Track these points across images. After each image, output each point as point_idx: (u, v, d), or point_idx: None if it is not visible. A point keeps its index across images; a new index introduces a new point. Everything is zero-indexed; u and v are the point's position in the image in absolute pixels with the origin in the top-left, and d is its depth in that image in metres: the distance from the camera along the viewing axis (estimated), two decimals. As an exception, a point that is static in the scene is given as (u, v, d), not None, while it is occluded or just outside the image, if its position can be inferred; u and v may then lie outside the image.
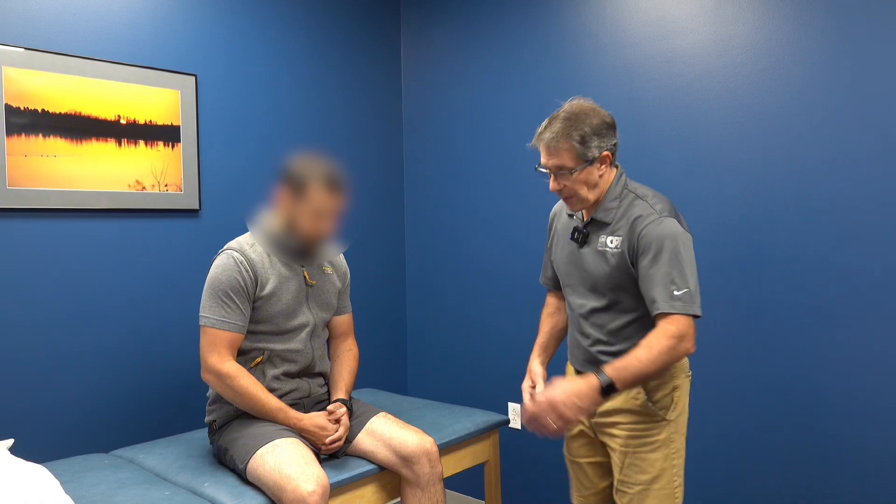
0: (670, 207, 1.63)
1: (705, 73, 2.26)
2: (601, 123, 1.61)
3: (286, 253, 1.97)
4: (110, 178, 2.24)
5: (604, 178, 1.65)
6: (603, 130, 1.61)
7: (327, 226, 1.94)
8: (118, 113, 2.25)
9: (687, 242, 1.58)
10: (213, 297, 1.88)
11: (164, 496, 1.66)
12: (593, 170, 1.62)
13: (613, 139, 1.64)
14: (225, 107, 2.54)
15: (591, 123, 1.60)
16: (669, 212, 1.61)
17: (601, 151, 1.61)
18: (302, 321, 1.98)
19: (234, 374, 1.87)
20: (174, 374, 2.39)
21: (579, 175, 1.62)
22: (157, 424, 2.33)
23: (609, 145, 1.62)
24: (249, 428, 1.86)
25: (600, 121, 1.61)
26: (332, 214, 1.93)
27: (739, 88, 2.20)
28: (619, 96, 2.46)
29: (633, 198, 1.65)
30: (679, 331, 1.51)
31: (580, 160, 1.60)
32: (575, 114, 1.61)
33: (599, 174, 1.63)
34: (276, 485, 1.67)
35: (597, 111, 1.62)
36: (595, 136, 1.60)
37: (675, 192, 2.34)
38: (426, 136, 3.12)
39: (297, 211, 1.92)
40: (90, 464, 1.91)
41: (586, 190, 1.64)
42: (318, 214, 1.91)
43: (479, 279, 2.95)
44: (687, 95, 2.31)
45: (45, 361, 2.11)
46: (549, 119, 1.65)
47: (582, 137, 1.59)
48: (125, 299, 2.28)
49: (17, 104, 2.04)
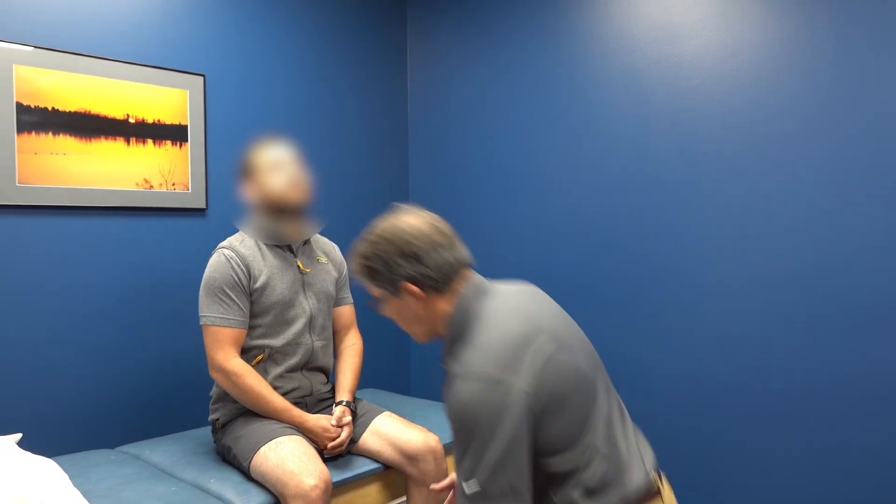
0: (478, 362, 1.18)
1: (711, 77, 2.28)
2: (396, 252, 1.31)
3: (273, 236, 2.00)
4: (119, 177, 2.26)
5: (431, 310, 1.33)
6: (397, 261, 1.31)
7: (292, 173, 1.98)
8: (127, 112, 2.27)
9: (480, 410, 1.13)
10: (210, 295, 1.90)
11: (171, 491, 1.67)
12: (403, 301, 1.34)
13: (419, 269, 1.30)
14: (232, 107, 2.55)
15: (382, 252, 1.31)
16: (471, 374, 1.16)
17: (398, 285, 1.31)
18: (299, 310, 2.00)
19: (241, 371, 1.88)
20: (179, 372, 2.40)
21: (386, 307, 1.38)
22: (162, 422, 2.35)
23: (408, 276, 1.30)
24: (252, 426, 1.88)
25: (394, 250, 1.31)
26: (287, 162, 1.99)
27: (745, 93, 2.21)
28: (625, 100, 2.48)
29: (462, 344, 1.27)
30: None
31: (378, 291, 1.35)
32: (367, 240, 1.36)
33: (418, 306, 1.33)
34: (279, 480, 1.69)
35: (396, 236, 1.32)
36: (385, 268, 1.31)
37: (679, 198, 2.36)
38: (431, 139, 3.13)
39: (259, 185, 1.98)
40: (97, 459, 1.92)
41: (408, 324, 1.37)
42: (275, 167, 1.97)
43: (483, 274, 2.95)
44: (692, 100, 2.32)
45: (52, 358, 2.12)
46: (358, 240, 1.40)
47: (369, 269, 1.34)
48: (132, 297, 2.30)
49: (27, 102, 2.06)
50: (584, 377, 1.24)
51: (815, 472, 2.13)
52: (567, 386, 1.20)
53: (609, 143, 2.53)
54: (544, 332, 1.23)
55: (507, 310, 1.27)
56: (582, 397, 1.23)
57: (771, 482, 2.22)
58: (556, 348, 1.22)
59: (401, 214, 1.36)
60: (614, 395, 1.34)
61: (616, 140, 2.51)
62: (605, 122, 2.54)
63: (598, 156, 2.57)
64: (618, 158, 2.51)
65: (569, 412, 1.20)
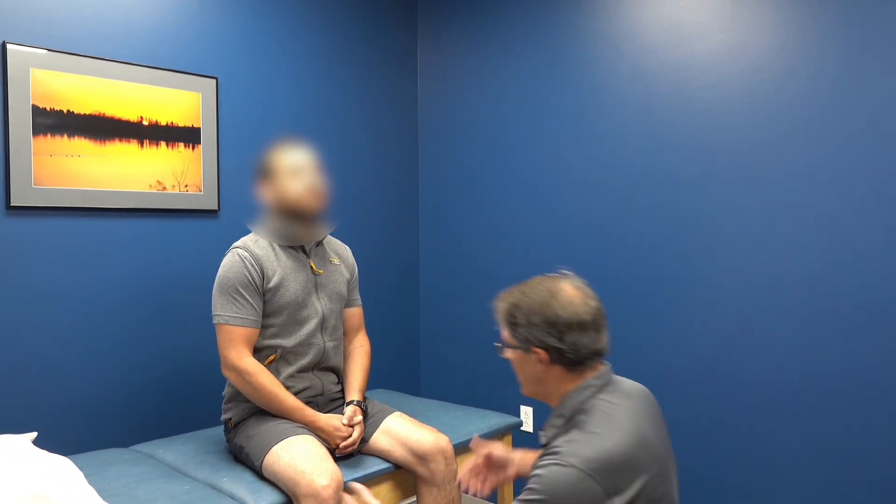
0: (587, 457, 1.21)
1: (721, 79, 2.28)
2: (540, 316, 1.33)
3: (288, 234, 2.01)
4: (132, 179, 2.28)
5: (550, 379, 1.36)
6: (538, 323, 1.33)
7: (310, 179, 1.99)
8: (141, 114, 2.30)
9: (563, 500, 1.19)
10: (223, 294, 1.92)
11: (184, 490, 1.69)
12: (528, 359, 1.37)
13: (553, 340, 1.32)
14: (244, 109, 2.58)
15: (529, 309, 1.35)
16: (577, 464, 1.21)
17: (529, 345, 1.35)
18: (311, 311, 2.01)
19: (253, 370, 1.90)
20: (192, 372, 2.42)
21: (509, 353, 1.41)
22: (175, 421, 2.37)
23: (542, 343, 1.33)
24: (265, 426, 1.89)
25: (541, 313, 1.33)
26: (306, 168, 2.00)
27: (755, 95, 2.21)
28: (635, 102, 2.48)
29: (573, 428, 1.29)
30: None
31: (511, 340, 1.39)
32: (529, 288, 1.39)
33: (539, 370, 1.36)
34: (291, 479, 1.70)
35: (550, 302, 1.34)
36: (526, 324, 1.34)
37: (691, 198, 2.36)
38: (441, 140, 3.14)
39: (277, 188, 1.99)
40: (111, 458, 1.94)
41: (524, 377, 1.41)
42: (294, 173, 1.98)
43: (491, 281, 2.96)
44: (702, 102, 2.32)
45: (67, 357, 2.15)
46: (517, 285, 1.44)
47: (512, 316, 1.37)
48: (145, 297, 2.32)
49: (43, 105, 2.09)
50: (672, 501, 1.29)
51: (829, 468, 2.12)
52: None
53: (620, 144, 2.54)
54: (650, 453, 1.26)
55: (624, 414, 1.29)
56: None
57: (785, 478, 2.21)
58: (657, 476, 1.25)
59: (565, 283, 1.37)
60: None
61: (627, 140, 2.52)
62: (615, 123, 2.54)
63: (609, 156, 2.57)
64: (629, 158, 2.51)
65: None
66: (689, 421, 2.39)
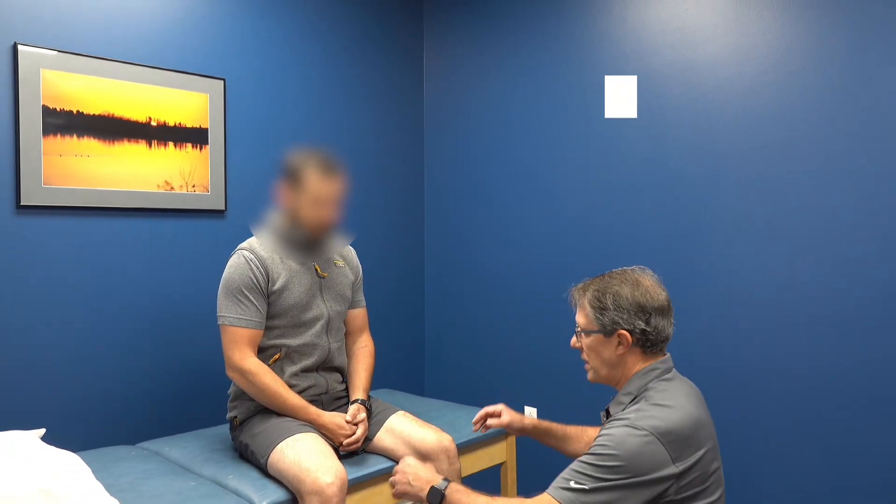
0: (656, 424, 1.33)
1: (726, 82, 2.29)
2: (630, 300, 1.46)
3: (294, 248, 2.01)
4: (140, 179, 2.31)
5: (625, 361, 1.48)
6: (627, 307, 1.45)
7: (328, 213, 1.99)
8: (149, 115, 2.32)
9: (633, 458, 1.30)
10: (228, 296, 1.94)
11: (190, 486, 1.71)
12: (608, 343, 1.48)
13: (640, 323, 1.45)
14: (252, 110, 2.60)
15: (618, 294, 1.47)
16: (648, 428, 1.33)
17: (617, 327, 1.46)
18: (316, 313, 2.03)
19: (257, 370, 1.91)
20: (198, 370, 2.45)
21: (588, 339, 1.51)
22: (181, 419, 2.39)
23: (630, 325, 1.45)
24: (269, 423, 1.91)
25: (631, 298, 1.46)
26: (331, 201, 1.98)
27: (760, 98, 2.22)
28: (640, 105, 2.49)
29: (641, 401, 1.42)
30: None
31: (593, 324, 1.49)
32: (611, 277, 1.52)
33: (618, 353, 1.48)
34: (296, 477, 1.71)
35: (637, 288, 1.47)
36: (615, 308, 1.46)
37: (695, 202, 2.37)
38: (447, 140, 3.16)
39: (297, 203, 1.97)
40: (118, 455, 1.96)
41: (599, 361, 1.51)
42: (318, 202, 1.96)
43: (497, 282, 2.98)
44: (707, 104, 2.33)
45: (74, 355, 2.17)
46: (594, 277, 1.57)
47: (599, 301, 1.48)
48: (152, 296, 2.34)
49: (53, 105, 2.11)
50: (720, 479, 1.42)
51: (837, 468, 2.12)
52: (712, 483, 1.37)
53: (625, 146, 2.55)
54: (706, 431, 1.39)
55: (686, 395, 1.43)
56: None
57: (794, 479, 2.21)
58: (712, 451, 1.39)
59: (642, 274, 1.52)
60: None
61: (632, 142, 2.53)
62: (620, 125, 2.55)
63: (614, 158, 2.58)
64: (634, 160, 2.52)
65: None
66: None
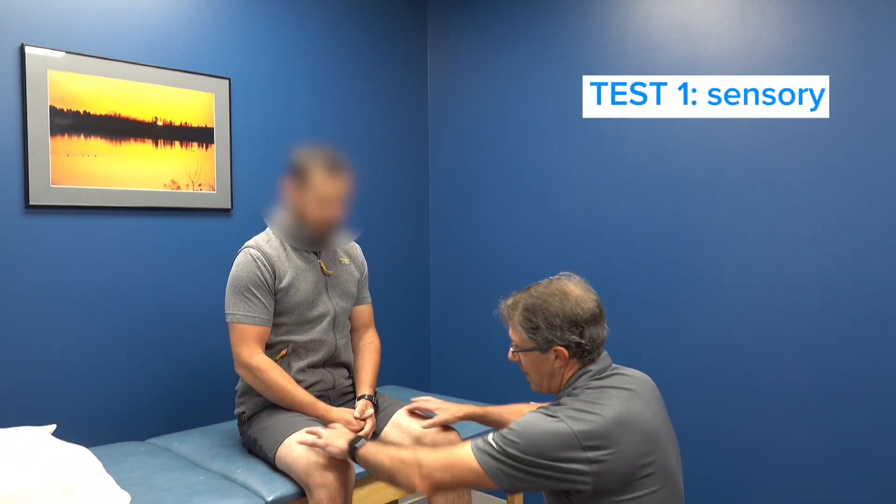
0: (572, 417, 1.35)
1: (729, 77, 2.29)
2: (561, 317, 1.45)
3: (300, 243, 2.03)
4: (147, 178, 2.33)
5: (563, 371, 1.49)
6: (559, 324, 1.45)
7: (334, 212, 2.00)
8: (155, 115, 2.34)
9: (538, 440, 1.33)
10: (235, 294, 1.96)
11: (200, 481, 1.73)
12: (545, 358, 1.48)
13: (575, 337, 1.44)
14: (257, 109, 2.62)
15: (547, 311, 1.46)
16: (564, 419, 1.35)
17: (551, 345, 1.46)
18: (322, 310, 2.05)
19: (265, 367, 1.93)
20: (206, 367, 2.47)
21: (525, 356, 1.52)
22: (190, 415, 2.41)
23: (564, 341, 1.45)
24: (277, 418, 1.92)
25: (562, 314, 1.45)
26: (336, 200, 1.99)
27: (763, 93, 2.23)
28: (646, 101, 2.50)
29: (566, 398, 1.45)
30: (428, 466, 1.40)
31: (527, 343, 1.50)
32: (538, 292, 1.51)
33: (556, 366, 1.48)
34: (304, 470, 1.73)
35: (566, 301, 1.46)
36: (547, 327, 1.45)
37: (696, 202, 2.38)
38: (451, 138, 3.18)
39: (303, 200, 1.99)
40: (128, 450, 1.98)
41: (538, 375, 1.52)
42: (323, 201, 1.97)
43: (502, 279, 2.99)
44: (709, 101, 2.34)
45: (83, 353, 2.19)
46: (520, 291, 1.56)
47: (530, 321, 1.48)
48: (160, 294, 2.36)
49: (60, 106, 2.14)
50: (668, 473, 1.40)
51: (838, 468, 2.13)
52: (645, 477, 1.35)
53: (627, 143, 2.56)
54: (630, 430, 1.35)
55: (613, 395, 1.40)
56: (667, 496, 1.38)
57: (792, 480, 2.22)
58: (640, 445, 1.35)
59: (568, 283, 1.50)
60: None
61: (634, 140, 2.54)
62: (623, 123, 2.56)
63: (616, 155, 2.59)
64: (635, 158, 2.53)
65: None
66: (694, 421, 2.41)
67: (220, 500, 1.62)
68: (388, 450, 1.52)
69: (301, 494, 1.77)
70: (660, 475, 1.37)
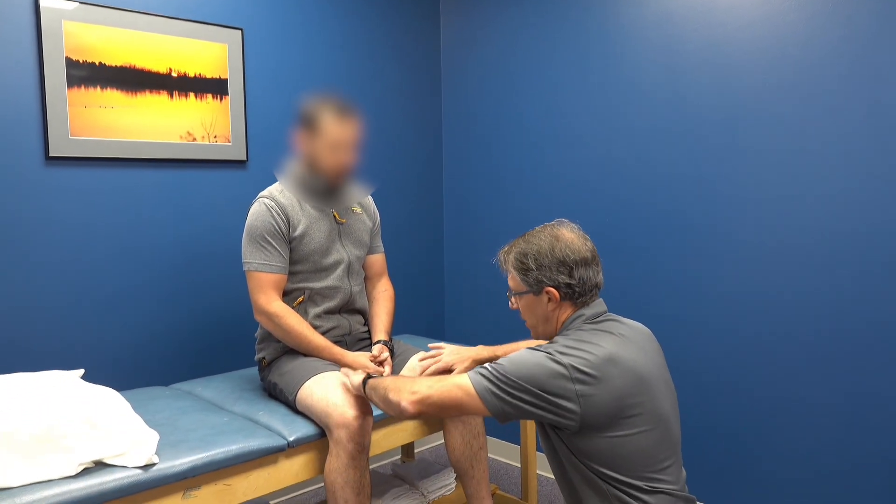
0: (561, 350, 1.40)
1: (747, 23, 2.25)
2: (550, 258, 1.50)
3: (314, 196, 2.06)
4: (163, 130, 2.35)
5: (557, 315, 1.55)
6: (548, 264, 1.50)
7: (346, 158, 2.02)
8: (170, 66, 2.35)
9: (529, 368, 1.38)
10: (252, 242, 1.99)
11: (224, 421, 1.79)
12: (539, 300, 1.54)
13: (564, 277, 1.50)
14: (270, 61, 2.61)
15: (538, 253, 1.52)
16: (555, 353, 1.40)
17: (543, 285, 1.51)
18: (337, 258, 2.08)
19: (282, 313, 1.98)
20: (225, 316, 2.52)
21: (521, 300, 1.58)
22: (211, 362, 2.48)
23: (554, 282, 1.50)
24: (297, 363, 1.98)
25: (551, 255, 1.50)
26: (348, 145, 2.01)
27: (783, 39, 2.18)
28: (657, 48, 2.47)
29: (569, 335, 1.49)
30: (419, 386, 1.47)
31: (521, 286, 1.56)
32: (532, 237, 1.56)
33: (550, 308, 1.53)
34: (324, 411, 1.79)
35: (556, 243, 1.51)
36: (537, 268, 1.51)
37: (714, 145, 2.36)
38: (465, 84, 3.16)
39: (315, 148, 2.01)
40: (153, 394, 2.05)
41: (535, 319, 1.58)
42: (335, 146, 1.99)
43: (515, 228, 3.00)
44: (728, 45, 2.30)
45: (105, 302, 2.25)
46: (516, 238, 1.61)
47: (522, 263, 1.54)
48: (179, 246, 2.41)
49: (76, 57, 2.15)
50: (660, 417, 1.42)
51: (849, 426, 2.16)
52: (633, 416, 1.38)
53: (641, 93, 2.53)
54: (619, 369, 1.39)
55: (605, 338, 1.44)
56: (657, 438, 1.41)
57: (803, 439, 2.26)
58: (631, 386, 1.38)
59: (562, 228, 1.55)
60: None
61: (648, 89, 2.51)
62: (637, 72, 2.54)
63: (630, 106, 2.57)
64: (650, 108, 2.51)
65: (631, 445, 1.38)
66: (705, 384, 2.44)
67: (245, 439, 1.68)
68: (395, 377, 1.60)
69: (321, 435, 1.83)
70: (649, 417, 1.40)
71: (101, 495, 1.41)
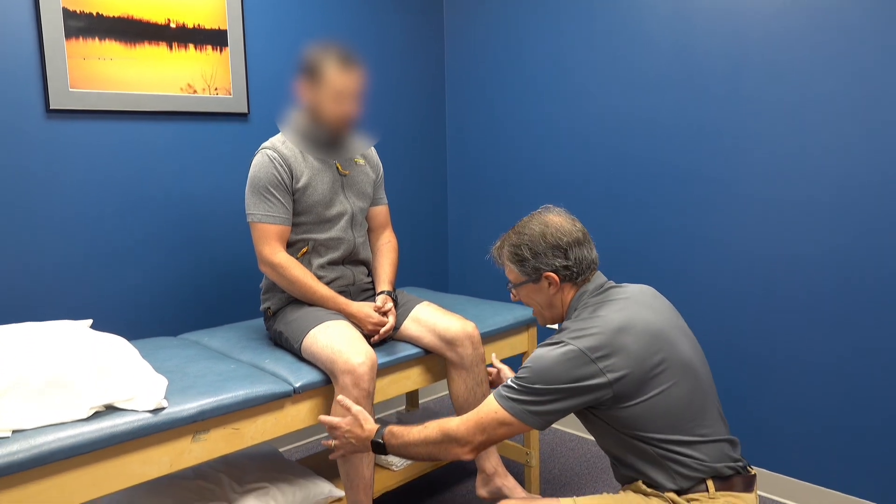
0: (575, 336, 1.42)
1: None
2: (543, 244, 1.54)
3: (317, 146, 2.05)
4: (163, 82, 2.33)
5: (561, 298, 1.58)
6: (543, 251, 1.54)
7: (349, 107, 2.01)
8: (168, 16, 2.32)
9: (550, 369, 1.40)
10: (255, 194, 2.00)
11: (231, 369, 1.82)
12: (540, 287, 1.57)
13: (560, 260, 1.53)
14: (270, 10, 2.58)
15: (531, 241, 1.55)
16: (569, 341, 1.41)
17: (541, 272, 1.55)
18: (340, 209, 2.09)
19: (286, 264, 2.00)
20: (230, 267, 2.55)
21: (522, 291, 1.61)
22: (218, 313, 2.51)
23: (551, 266, 1.54)
24: (302, 312, 2.00)
25: (543, 241, 1.54)
26: (351, 94, 2.00)
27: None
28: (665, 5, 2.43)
29: (568, 322, 1.53)
30: (464, 435, 1.46)
31: (520, 277, 1.59)
32: (522, 227, 1.59)
33: (552, 293, 1.57)
34: (329, 358, 1.82)
35: (547, 229, 1.55)
36: (532, 256, 1.54)
37: (721, 93, 2.34)
38: (469, 34, 3.12)
39: (318, 98, 1.99)
40: (161, 343, 2.08)
41: (540, 306, 1.61)
42: (338, 96, 1.98)
43: (519, 180, 3.00)
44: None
45: (109, 254, 2.27)
46: (506, 233, 1.64)
47: (517, 255, 1.57)
48: (183, 199, 2.42)
49: (73, 7, 2.12)
50: (685, 364, 1.44)
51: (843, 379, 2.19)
52: (660, 373, 1.40)
53: (648, 45, 2.50)
54: (633, 334, 1.41)
55: (615, 309, 1.46)
56: (689, 388, 1.43)
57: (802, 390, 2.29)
58: (649, 345, 1.41)
59: (549, 214, 1.58)
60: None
61: (655, 41, 2.48)
62: (643, 23, 2.50)
63: (636, 58, 2.54)
64: (658, 60, 2.48)
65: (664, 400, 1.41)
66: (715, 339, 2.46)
67: (252, 386, 1.71)
68: (411, 435, 1.53)
69: (327, 381, 1.86)
70: (675, 369, 1.42)
71: (112, 437, 1.44)
